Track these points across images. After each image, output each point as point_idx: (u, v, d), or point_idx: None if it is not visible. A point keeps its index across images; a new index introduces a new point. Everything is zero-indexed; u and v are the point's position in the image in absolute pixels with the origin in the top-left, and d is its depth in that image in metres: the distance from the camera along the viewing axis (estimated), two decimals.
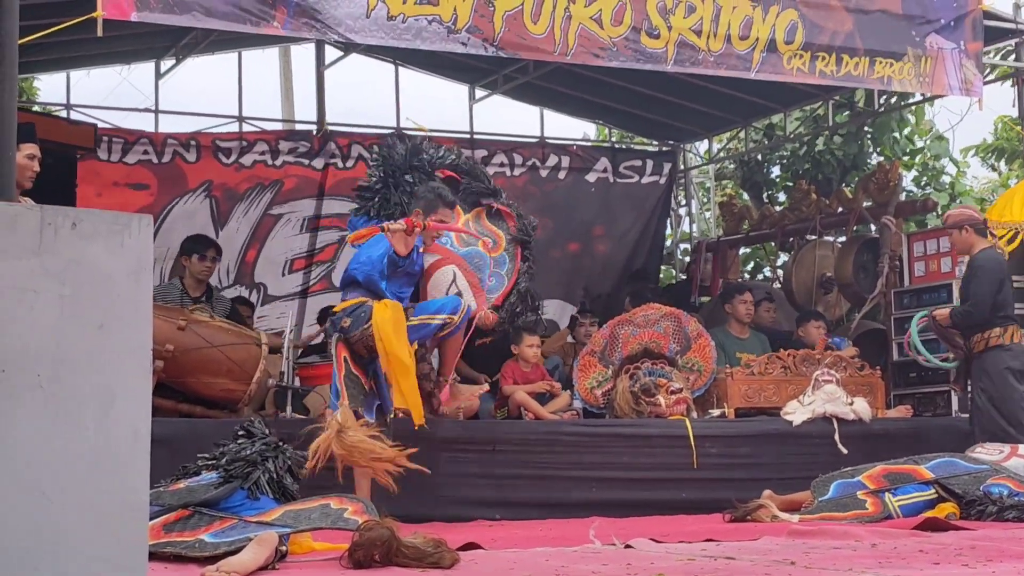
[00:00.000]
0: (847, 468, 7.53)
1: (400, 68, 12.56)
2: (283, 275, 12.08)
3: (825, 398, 8.46)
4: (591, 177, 13.26)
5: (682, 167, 14.02)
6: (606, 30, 8.08)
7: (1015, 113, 10.82)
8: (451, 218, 7.22)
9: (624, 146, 14.45)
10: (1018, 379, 8.20)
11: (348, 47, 11.50)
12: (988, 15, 9.57)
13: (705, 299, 12.46)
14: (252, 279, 11.97)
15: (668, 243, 14.30)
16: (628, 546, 5.52)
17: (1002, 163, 18.70)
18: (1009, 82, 10.59)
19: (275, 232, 12.02)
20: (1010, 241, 9.12)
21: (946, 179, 15.68)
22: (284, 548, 4.78)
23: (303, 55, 13.99)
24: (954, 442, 8.17)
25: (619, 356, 8.56)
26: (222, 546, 4.79)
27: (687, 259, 13.99)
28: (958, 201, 15.29)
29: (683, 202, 14.25)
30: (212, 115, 12.27)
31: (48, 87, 13.67)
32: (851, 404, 8.50)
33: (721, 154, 14.60)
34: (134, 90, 12.97)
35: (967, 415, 8.54)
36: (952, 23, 9.23)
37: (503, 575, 4.44)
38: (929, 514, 6.85)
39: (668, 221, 13.89)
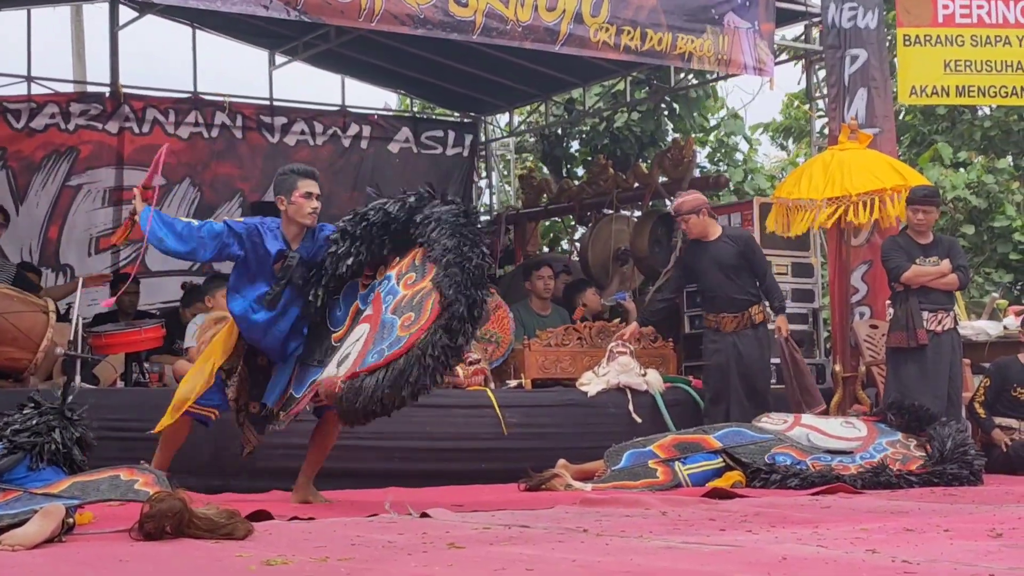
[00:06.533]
0: (639, 438, 7.70)
1: (197, 31, 12.28)
2: (89, 255, 11.55)
3: (619, 369, 8.60)
4: (393, 147, 13.25)
5: (483, 139, 14.10)
6: None
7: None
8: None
9: (426, 116, 14.44)
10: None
11: (143, 7, 11.20)
12: None
13: (507, 268, 12.58)
14: (57, 260, 11.42)
15: None
16: (425, 515, 5.54)
17: (790, 142, 19.34)
18: (798, 63, 10.92)
19: (76, 206, 11.52)
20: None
21: (739, 156, 16.09)
22: (71, 520, 4.65)
23: (96, 15, 13.58)
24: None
25: None
26: (5, 519, 4.63)
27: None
28: (750, 178, 15.72)
29: (484, 174, 14.33)
30: None
31: None
32: (644, 375, 8.68)
33: (522, 127, 14.71)
34: None
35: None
36: (748, 3, 9.47)
37: (297, 545, 4.40)
38: (717, 482, 7.07)
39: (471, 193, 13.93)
